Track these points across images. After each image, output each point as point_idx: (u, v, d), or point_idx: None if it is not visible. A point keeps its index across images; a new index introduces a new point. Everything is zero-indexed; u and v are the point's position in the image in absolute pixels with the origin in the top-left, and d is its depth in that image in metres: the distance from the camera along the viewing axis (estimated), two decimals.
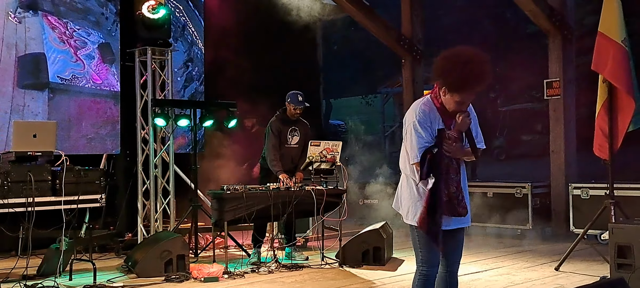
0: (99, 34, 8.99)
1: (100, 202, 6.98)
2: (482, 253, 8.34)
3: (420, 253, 4.16)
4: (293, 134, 8.16)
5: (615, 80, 6.93)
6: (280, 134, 8.07)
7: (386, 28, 11.86)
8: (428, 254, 4.13)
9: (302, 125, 8.25)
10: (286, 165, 8.03)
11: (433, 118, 4.03)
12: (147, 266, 6.98)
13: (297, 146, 8.16)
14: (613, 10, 7.05)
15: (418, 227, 4.06)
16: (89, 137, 8.83)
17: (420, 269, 4.17)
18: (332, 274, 7.30)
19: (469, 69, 3.85)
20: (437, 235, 4.02)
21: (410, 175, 4.14)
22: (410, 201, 4.13)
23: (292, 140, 8.15)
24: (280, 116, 8.17)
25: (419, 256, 4.18)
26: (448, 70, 3.91)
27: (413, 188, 4.12)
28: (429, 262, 4.14)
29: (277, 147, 8.02)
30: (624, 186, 8.13)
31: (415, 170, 4.06)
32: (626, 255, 5.92)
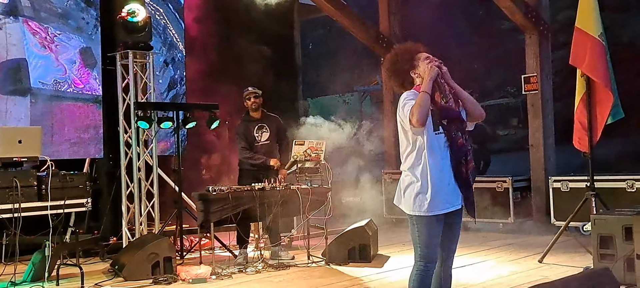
0: (80, 39, 8.95)
1: (86, 207, 6.98)
2: (466, 247, 8.44)
3: (420, 248, 4.20)
4: (261, 131, 8.18)
5: (593, 74, 7.07)
6: (246, 135, 8.11)
7: (364, 27, 11.92)
8: (427, 250, 4.18)
9: (271, 120, 8.25)
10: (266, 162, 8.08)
11: None
12: (134, 269, 6.98)
13: (269, 142, 8.17)
14: (589, 6, 7.19)
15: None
16: (71, 141, 8.79)
17: (419, 264, 4.21)
18: (319, 272, 7.36)
19: (406, 44, 4.33)
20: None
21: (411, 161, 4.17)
22: (412, 192, 4.16)
23: (261, 137, 8.17)
24: (244, 118, 8.24)
25: (417, 251, 4.22)
26: (397, 58, 4.28)
27: (412, 176, 4.17)
28: (428, 258, 4.19)
29: (247, 147, 8.09)
30: (603, 178, 8.27)
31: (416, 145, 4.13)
32: (608, 245, 6.06)
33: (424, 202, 4.11)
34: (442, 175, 4.13)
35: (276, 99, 10.49)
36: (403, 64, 4.28)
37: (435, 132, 4.14)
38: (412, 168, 4.18)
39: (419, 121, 4.01)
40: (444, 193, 4.13)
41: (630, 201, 7.93)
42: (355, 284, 6.78)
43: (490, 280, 6.70)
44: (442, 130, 4.15)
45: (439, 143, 4.15)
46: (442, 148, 4.15)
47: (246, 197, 7.46)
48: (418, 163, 4.15)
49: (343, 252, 7.75)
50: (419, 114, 4.01)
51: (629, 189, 8.37)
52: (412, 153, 4.18)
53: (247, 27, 11.20)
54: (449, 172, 4.15)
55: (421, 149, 4.14)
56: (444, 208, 4.15)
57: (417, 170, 4.15)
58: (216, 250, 8.12)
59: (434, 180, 4.11)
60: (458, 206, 4.21)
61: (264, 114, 8.24)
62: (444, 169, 4.14)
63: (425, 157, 4.12)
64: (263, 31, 11.35)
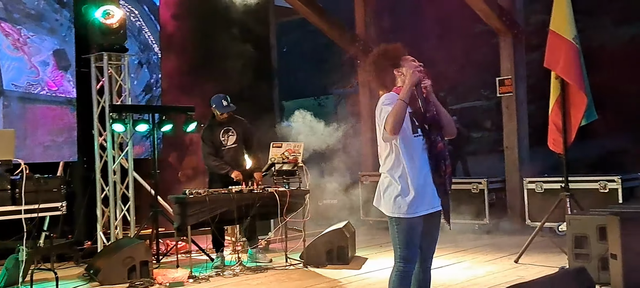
0: (54, 41, 8.84)
1: (60, 210, 6.90)
2: (443, 249, 8.47)
3: (399, 249, 4.20)
4: (227, 135, 8.13)
5: (568, 77, 7.16)
6: (212, 141, 8.05)
7: (340, 29, 11.95)
8: (407, 250, 4.18)
9: (237, 123, 8.19)
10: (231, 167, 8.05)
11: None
12: (110, 273, 6.91)
13: (236, 145, 8.11)
14: (563, 9, 7.27)
15: None
16: (45, 144, 8.69)
17: (398, 265, 4.21)
18: (297, 275, 7.35)
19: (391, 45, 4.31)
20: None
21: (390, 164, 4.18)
22: (392, 194, 4.17)
23: (227, 141, 8.13)
24: (210, 122, 8.17)
25: (397, 252, 4.22)
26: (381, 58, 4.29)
27: (391, 178, 4.18)
28: (407, 259, 4.20)
29: (213, 153, 8.02)
30: (577, 179, 8.37)
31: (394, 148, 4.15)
32: (583, 245, 6.12)
33: (403, 204, 4.12)
34: (421, 177, 4.14)
35: (252, 101, 10.47)
36: (388, 61, 4.28)
37: (413, 135, 4.15)
38: (391, 171, 4.19)
39: (393, 130, 4.03)
40: (423, 195, 4.14)
41: (604, 201, 8.02)
42: (334, 286, 6.78)
43: (466, 281, 6.74)
44: (421, 133, 4.17)
45: (418, 146, 4.16)
46: (421, 151, 4.16)
47: (223, 200, 7.42)
48: (397, 166, 4.16)
49: (321, 254, 7.75)
50: (393, 123, 4.02)
51: (602, 190, 8.47)
52: (390, 155, 4.20)
53: (223, 29, 11.17)
54: (427, 174, 4.16)
55: (400, 152, 4.15)
56: (423, 210, 4.16)
57: (396, 172, 4.16)
58: (193, 253, 8.08)
59: (413, 182, 4.12)
60: (437, 208, 4.22)
61: (230, 117, 8.15)
62: (423, 172, 4.15)
63: (404, 159, 4.14)
64: (239, 33, 11.33)
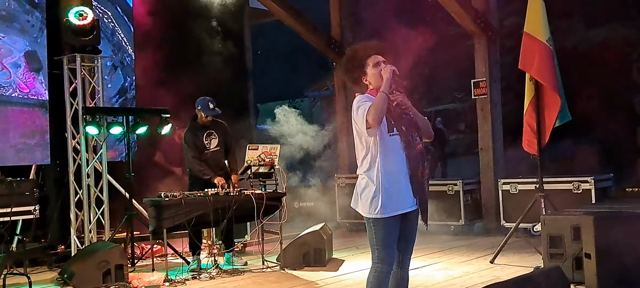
0: (25, 42, 8.71)
1: (33, 214, 6.82)
2: (418, 250, 8.45)
3: (377, 250, 4.21)
4: (210, 138, 8.11)
5: (542, 78, 7.22)
6: (196, 144, 8.02)
7: (316, 32, 11.95)
8: (385, 251, 4.20)
9: (218, 127, 8.17)
10: (214, 171, 8.03)
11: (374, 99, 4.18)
12: (84, 277, 6.83)
13: (218, 149, 8.10)
14: (537, 11, 7.34)
15: None
16: (17, 147, 8.54)
17: (376, 266, 4.22)
18: (274, 277, 7.33)
19: (361, 45, 4.36)
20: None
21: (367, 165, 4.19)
22: (368, 195, 4.17)
23: (210, 144, 8.11)
24: (192, 125, 8.13)
25: (375, 253, 4.23)
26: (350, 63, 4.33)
27: (368, 179, 4.18)
28: (385, 259, 4.21)
29: (197, 156, 7.98)
30: (551, 180, 8.46)
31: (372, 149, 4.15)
32: (557, 245, 6.18)
33: (380, 204, 4.12)
34: (398, 177, 4.15)
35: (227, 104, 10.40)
36: (358, 62, 4.32)
37: (389, 134, 4.16)
38: (368, 172, 4.19)
39: (376, 120, 4.04)
40: (399, 195, 4.16)
41: (578, 202, 8.13)
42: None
43: (442, 282, 6.77)
44: (397, 132, 4.18)
45: (394, 145, 4.17)
46: (398, 150, 4.17)
47: (199, 203, 7.38)
48: (373, 166, 4.16)
49: (298, 256, 7.74)
50: (375, 113, 4.04)
51: (575, 190, 8.57)
52: (367, 156, 4.20)
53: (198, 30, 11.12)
54: (404, 174, 4.17)
55: (376, 152, 4.16)
56: (400, 210, 4.17)
57: (373, 173, 4.16)
58: (169, 257, 8.02)
59: (389, 182, 4.13)
60: (414, 207, 4.23)
61: (213, 121, 8.14)
62: (400, 172, 4.16)
63: (380, 159, 4.14)
64: (213, 34, 11.27)
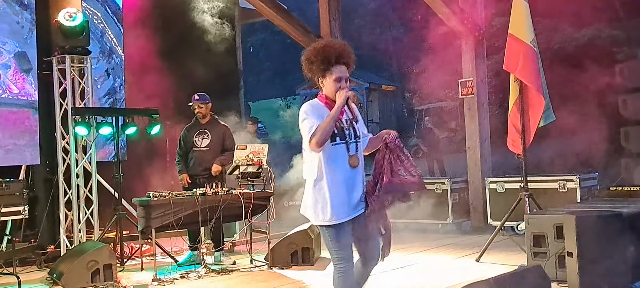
0: (15, 43, 8.73)
1: (23, 214, 6.86)
2: (405, 248, 8.60)
3: (335, 252, 4.30)
4: (202, 137, 8.20)
5: (526, 79, 7.31)
6: (185, 141, 8.22)
7: (305, 32, 11.98)
8: (343, 251, 4.29)
9: (215, 127, 8.26)
10: (196, 170, 8.12)
11: (322, 111, 4.26)
12: (73, 277, 6.87)
13: (208, 149, 8.19)
14: (521, 13, 7.43)
15: None
16: (6, 148, 8.56)
17: (338, 267, 4.31)
18: (263, 276, 7.39)
19: (327, 48, 4.29)
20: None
21: (315, 174, 4.27)
22: (317, 203, 4.25)
23: (201, 143, 8.19)
24: (191, 123, 8.34)
25: (334, 255, 4.31)
26: (314, 60, 4.30)
27: (317, 188, 4.26)
28: (345, 258, 4.30)
29: (179, 153, 8.27)
30: (536, 179, 8.54)
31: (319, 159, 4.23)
32: (541, 243, 6.26)
33: (327, 211, 4.22)
34: (343, 184, 4.24)
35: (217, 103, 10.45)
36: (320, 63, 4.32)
37: (332, 144, 4.24)
38: (317, 180, 4.27)
39: (319, 144, 4.16)
40: (345, 201, 4.25)
41: (562, 201, 8.21)
42: (298, 287, 6.83)
43: (429, 280, 6.84)
44: (342, 141, 4.27)
45: (339, 153, 4.26)
46: (343, 158, 4.26)
47: (188, 203, 7.43)
48: (322, 175, 4.25)
49: (286, 255, 7.81)
50: (320, 138, 4.14)
51: (560, 189, 8.65)
52: (313, 163, 4.28)
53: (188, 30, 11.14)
54: (351, 181, 4.27)
55: (322, 160, 4.24)
56: (349, 216, 4.28)
57: (322, 181, 4.25)
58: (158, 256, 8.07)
59: (337, 190, 4.22)
60: (361, 210, 4.32)
61: (211, 121, 8.26)
62: (345, 179, 4.25)
63: (327, 168, 4.24)
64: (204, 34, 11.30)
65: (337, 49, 4.31)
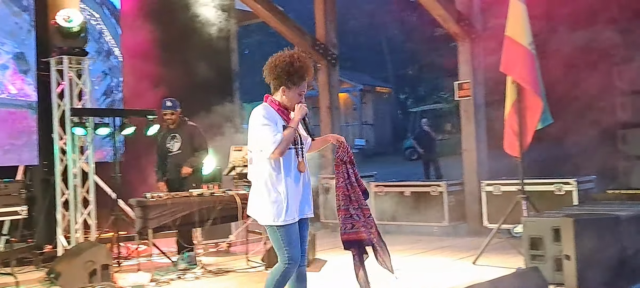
0: (13, 44, 8.75)
1: (20, 214, 6.86)
2: (401, 250, 8.61)
3: (285, 251, 4.53)
4: (173, 141, 8.22)
5: (524, 82, 7.32)
6: (161, 148, 8.30)
7: (301, 33, 12.02)
8: (293, 251, 4.54)
9: (183, 129, 8.26)
10: (172, 173, 8.12)
11: (276, 118, 4.56)
12: (70, 277, 6.87)
13: (180, 152, 8.20)
14: (519, 15, 7.43)
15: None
16: (4, 148, 8.58)
17: (286, 266, 4.54)
18: (259, 277, 7.38)
19: (304, 65, 4.60)
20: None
21: (267, 177, 4.51)
22: (275, 203, 4.50)
23: (173, 147, 8.21)
24: (160, 128, 8.34)
25: (283, 254, 4.53)
26: (290, 71, 4.56)
27: (270, 190, 4.51)
28: (293, 258, 4.54)
29: (159, 164, 8.35)
30: (533, 182, 8.51)
31: (271, 163, 4.51)
32: (538, 246, 6.25)
33: (282, 212, 4.50)
34: (295, 187, 4.54)
35: (213, 104, 10.48)
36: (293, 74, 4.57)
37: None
38: (267, 181, 4.52)
39: (282, 154, 4.48)
40: (297, 203, 4.56)
41: (559, 203, 8.19)
42: None
43: (425, 283, 6.86)
44: (292, 147, 4.57)
45: (291, 158, 4.56)
46: (294, 163, 4.57)
47: (184, 204, 7.44)
48: (277, 178, 4.52)
49: None
50: (285, 148, 4.48)
51: (557, 192, 8.65)
52: (265, 166, 4.52)
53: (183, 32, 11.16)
54: (299, 184, 4.56)
55: (279, 165, 4.52)
56: (299, 217, 4.58)
57: (278, 183, 4.52)
58: (155, 257, 8.07)
59: (290, 191, 4.52)
60: (309, 215, 4.69)
61: (180, 122, 8.25)
62: (296, 182, 4.55)
63: (283, 171, 4.51)
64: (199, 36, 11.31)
65: (310, 68, 4.63)
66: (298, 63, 4.55)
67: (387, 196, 10.42)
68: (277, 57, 4.61)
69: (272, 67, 4.60)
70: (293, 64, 4.54)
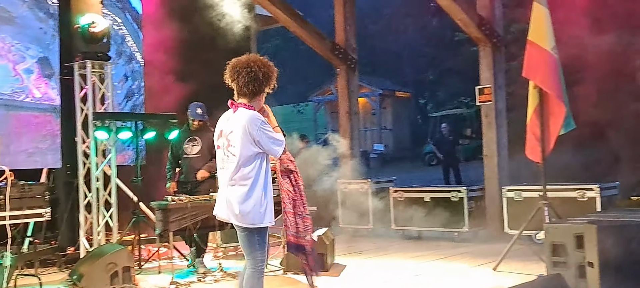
0: (38, 48, 8.86)
1: (44, 216, 6.94)
2: (421, 256, 8.59)
3: (260, 253, 4.64)
4: (191, 144, 8.23)
5: (547, 87, 7.25)
6: (176, 149, 8.25)
7: (320, 38, 12.07)
8: (265, 253, 4.68)
9: (205, 133, 8.27)
10: (188, 177, 8.14)
11: None
12: (92, 279, 6.91)
13: (199, 155, 8.20)
14: (541, 19, 7.34)
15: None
16: (29, 151, 8.69)
17: (259, 267, 4.65)
18: (277, 282, 7.40)
19: (275, 73, 4.74)
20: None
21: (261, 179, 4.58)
22: (261, 205, 4.57)
23: (191, 149, 8.23)
24: (182, 129, 8.34)
25: (258, 256, 4.64)
26: (270, 76, 4.68)
27: (262, 192, 4.59)
28: (264, 260, 4.70)
29: (170, 159, 8.32)
30: (555, 187, 8.41)
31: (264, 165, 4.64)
32: (561, 253, 6.20)
33: (267, 214, 4.61)
34: (270, 190, 4.68)
35: None
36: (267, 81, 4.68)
37: None
38: (255, 183, 4.57)
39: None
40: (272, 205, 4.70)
41: (582, 210, 8.09)
42: None
43: None
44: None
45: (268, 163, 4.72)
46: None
47: (205, 207, 7.46)
48: (265, 180, 4.61)
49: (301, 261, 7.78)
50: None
51: (580, 198, 8.56)
52: (255, 168, 4.58)
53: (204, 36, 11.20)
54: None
55: (264, 167, 4.61)
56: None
57: (266, 186, 4.62)
58: (175, 259, 8.11)
59: (269, 194, 4.66)
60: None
61: (202, 127, 8.25)
62: (271, 184, 4.70)
63: (266, 175, 4.61)
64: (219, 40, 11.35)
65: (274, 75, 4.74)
66: (271, 68, 4.68)
67: (406, 201, 10.39)
68: (250, 63, 4.63)
69: (253, 75, 4.62)
70: (272, 70, 4.67)
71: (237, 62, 4.68)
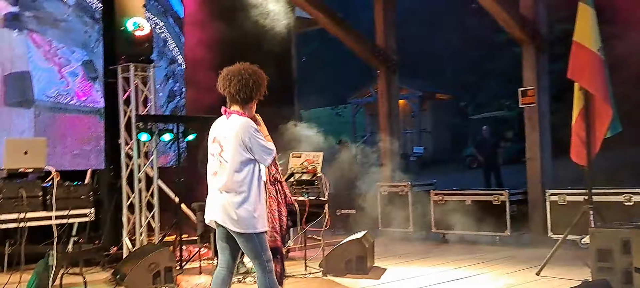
0: (83, 52, 9.04)
1: (88, 217, 7.05)
2: (462, 260, 8.51)
3: (265, 256, 4.65)
4: None
5: (592, 88, 7.08)
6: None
7: (360, 40, 12.03)
8: (268, 253, 4.68)
9: None
10: None
11: None
12: (135, 278, 7.01)
13: None
14: (587, 20, 7.16)
15: None
16: (73, 153, 8.86)
17: (269, 267, 4.65)
18: (316, 284, 7.40)
19: (262, 75, 4.75)
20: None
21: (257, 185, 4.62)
22: (255, 211, 4.60)
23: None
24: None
25: (263, 259, 4.65)
26: (260, 84, 4.70)
27: (258, 198, 4.62)
28: (270, 258, 4.69)
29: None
30: (601, 191, 8.22)
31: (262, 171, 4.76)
32: (606, 259, 6.09)
33: (263, 219, 4.67)
34: (263, 196, 4.75)
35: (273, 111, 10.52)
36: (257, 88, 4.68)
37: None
38: (252, 191, 4.59)
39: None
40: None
41: (628, 214, 7.91)
42: None
43: None
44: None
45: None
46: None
47: None
48: (254, 185, 4.61)
49: (340, 263, 7.79)
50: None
51: (626, 202, 8.37)
52: (249, 176, 4.60)
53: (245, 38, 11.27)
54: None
55: (259, 174, 4.66)
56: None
57: (258, 192, 4.63)
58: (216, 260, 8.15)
59: (262, 200, 4.72)
60: None
61: None
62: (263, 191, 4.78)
63: (258, 181, 4.66)
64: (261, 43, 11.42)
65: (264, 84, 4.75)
66: (261, 76, 4.70)
67: (447, 204, 10.29)
68: (241, 71, 4.66)
69: (244, 82, 4.64)
70: (260, 77, 4.69)
71: (228, 70, 4.72)
